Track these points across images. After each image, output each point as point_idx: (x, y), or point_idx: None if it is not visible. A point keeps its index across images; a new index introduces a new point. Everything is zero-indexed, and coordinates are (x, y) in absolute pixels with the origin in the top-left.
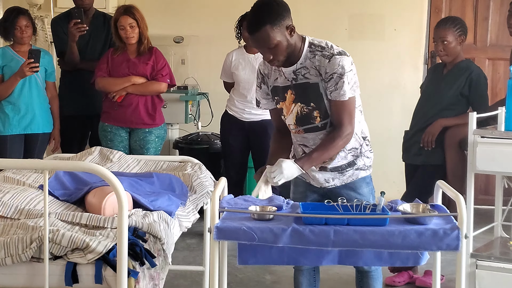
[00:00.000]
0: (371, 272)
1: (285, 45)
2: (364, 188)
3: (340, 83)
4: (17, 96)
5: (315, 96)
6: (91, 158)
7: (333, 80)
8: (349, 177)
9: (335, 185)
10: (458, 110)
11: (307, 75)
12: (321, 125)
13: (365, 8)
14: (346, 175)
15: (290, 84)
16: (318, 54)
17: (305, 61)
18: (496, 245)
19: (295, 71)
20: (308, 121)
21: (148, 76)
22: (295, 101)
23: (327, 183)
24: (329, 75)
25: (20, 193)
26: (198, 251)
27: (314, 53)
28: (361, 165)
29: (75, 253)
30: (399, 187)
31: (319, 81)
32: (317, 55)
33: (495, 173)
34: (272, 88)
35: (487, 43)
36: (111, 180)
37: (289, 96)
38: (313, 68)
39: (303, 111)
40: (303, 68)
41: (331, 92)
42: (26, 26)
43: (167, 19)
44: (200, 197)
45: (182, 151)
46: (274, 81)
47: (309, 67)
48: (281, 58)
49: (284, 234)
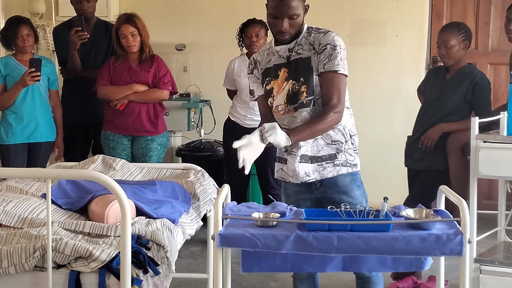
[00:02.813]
0: (372, 277)
1: (300, 21)
2: (356, 191)
3: (334, 54)
4: (20, 105)
5: (305, 70)
6: (94, 166)
7: (326, 52)
8: (329, 172)
9: (315, 179)
10: (461, 116)
11: (300, 51)
12: (306, 102)
13: (366, 14)
14: (326, 169)
15: (285, 61)
16: (314, 32)
17: (301, 39)
18: (500, 250)
19: (290, 49)
20: (296, 98)
21: (150, 84)
22: (287, 79)
23: (307, 177)
24: (322, 46)
25: (23, 202)
26: (202, 258)
27: (310, 33)
28: (342, 161)
29: (79, 262)
30: (401, 192)
31: (311, 55)
32: (313, 33)
33: (498, 177)
34: (264, 71)
35: (488, 48)
36: (114, 188)
37: (282, 74)
38: (307, 44)
39: (294, 88)
40: (298, 45)
41: (324, 64)
42: (28, 35)
43: (169, 27)
44: (203, 204)
45: (185, 159)
46: (266, 64)
47: (303, 44)
48: (293, 31)
49: (288, 240)
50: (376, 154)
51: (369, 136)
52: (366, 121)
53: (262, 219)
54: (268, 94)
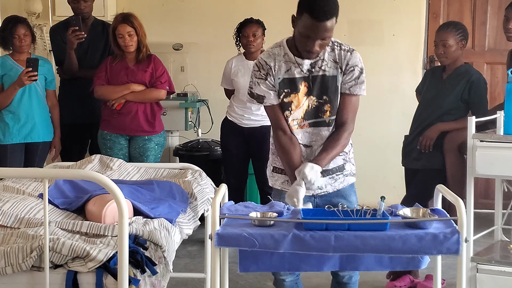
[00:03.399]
0: (350, 284)
1: (329, 41)
2: (353, 196)
3: (361, 77)
4: (17, 105)
5: (330, 89)
6: (91, 166)
7: (353, 73)
8: (340, 183)
9: (327, 191)
10: (458, 115)
11: (324, 67)
12: (328, 121)
13: (364, 14)
14: (337, 181)
15: (307, 75)
16: (337, 48)
17: (323, 54)
18: (497, 249)
19: (312, 63)
20: (316, 115)
21: (147, 84)
22: (308, 94)
23: (319, 190)
24: (350, 67)
25: (20, 202)
26: (199, 258)
27: (332, 48)
28: (349, 171)
29: (76, 262)
30: (399, 191)
31: (337, 73)
32: (336, 49)
33: (495, 177)
34: (281, 80)
35: (485, 47)
36: (111, 188)
37: (303, 88)
38: (331, 61)
39: (313, 104)
40: (320, 60)
41: (351, 86)
42: (25, 34)
43: (166, 27)
44: (201, 204)
45: (182, 158)
46: (285, 73)
47: (327, 60)
48: (322, 51)
49: (285, 240)
50: (373, 154)
51: (366, 136)
52: (363, 121)
53: (260, 218)
54: (285, 106)
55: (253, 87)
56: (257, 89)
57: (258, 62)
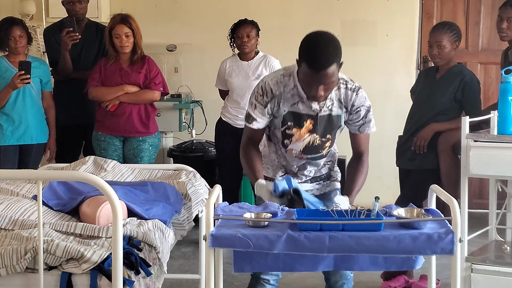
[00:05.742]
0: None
1: (336, 82)
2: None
3: (369, 116)
4: (10, 107)
5: (334, 128)
6: (85, 167)
7: (360, 113)
8: (326, 186)
9: (313, 194)
10: (451, 116)
11: (331, 107)
12: (326, 154)
13: (357, 14)
14: (323, 186)
15: (314, 114)
16: (343, 87)
17: (331, 94)
18: (491, 249)
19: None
20: (316, 151)
21: (141, 85)
22: (311, 131)
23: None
24: (356, 108)
25: (14, 203)
26: (194, 259)
27: (338, 85)
28: (335, 177)
29: (70, 263)
30: (393, 192)
31: (342, 113)
32: (342, 88)
33: (489, 176)
34: (287, 113)
35: (478, 47)
36: (105, 190)
37: (307, 124)
38: (337, 101)
39: (315, 142)
40: (329, 99)
41: (360, 127)
42: (20, 36)
43: (159, 28)
44: (195, 205)
45: (177, 159)
46: (291, 106)
47: (334, 99)
48: (328, 94)
49: (279, 240)
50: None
51: None
52: None
53: (254, 219)
54: (286, 136)
55: (249, 106)
56: (251, 110)
57: (264, 87)
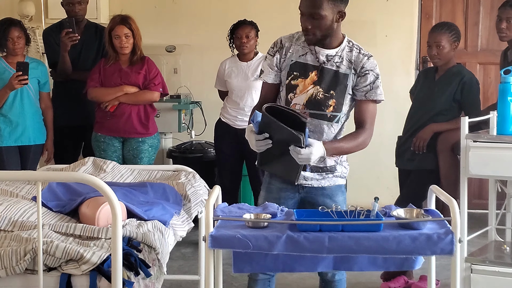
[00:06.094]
0: (335, 281)
1: (328, 24)
2: (340, 196)
3: (376, 83)
4: (8, 108)
5: (339, 86)
6: (85, 168)
7: (367, 78)
8: (327, 181)
9: (311, 185)
10: (450, 116)
11: (339, 64)
12: (330, 116)
13: (356, 14)
14: (325, 178)
15: (319, 65)
16: (356, 51)
17: (341, 51)
18: (491, 249)
19: (329, 55)
20: (319, 107)
21: (141, 86)
22: (315, 83)
23: (305, 181)
24: (365, 71)
25: (13, 205)
26: (193, 260)
27: (351, 48)
28: (340, 173)
29: (69, 264)
30: (392, 192)
31: (350, 73)
32: (355, 51)
33: (488, 177)
34: (294, 63)
35: (478, 48)
36: (104, 190)
37: (312, 75)
38: (347, 61)
39: (318, 96)
40: (338, 56)
41: (366, 92)
42: (18, 37)
43: (159, 29)
44: (194, 206)
45: (176, 160)
46: (299, 57)
47: (344, 58)
48: (318, 33)
49: (279, 241)
50: (366, 155)
51: None
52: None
53: (253, 220)
54: (291, 88)
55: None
56: (264, 62)
57: (277, 40)
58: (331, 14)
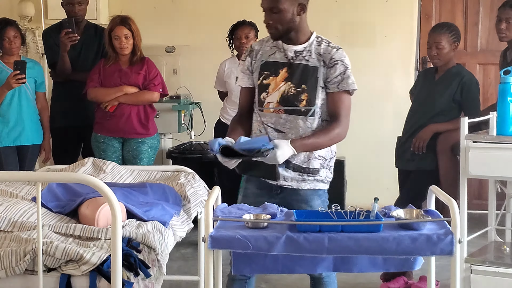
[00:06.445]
0: (324, 278)
1: (289, 17)
2: (316, 201)
3: (347, 73)
4: (6, 108)
5: (310, 79)
6: (84, 169)
7: (337, 69)
8: (307, 184)
9: (291, 186)
10: (450, 116)
11: (308, 58)
12: (304, 110)
13: (356, 15)
14: (305, 181)
15: (287, 62)
16: (325, 44)
17: (310, 46)
18: (490, 250)
19: (297, 51)
20: (293, 103)
21: (140, 86)
22: (286, 80)
23: (285, 181)
24: (334, 61)
25: (13, 205)
26: (193, 260)
27: (320, 42)
28: (322, 177)
29: (69, 265)
30: (392, 193)
31: (319, 65)
32: (323, 44)
33: (488, 177)
34: (264, 63)
35: (477, 48)
36: (104, 191)
37: (283, 73)
38: (316, 54)
39: (290, 91)
40: (306, 50)
41: (338, 84)
42: (14, 36)
43: (158, 29)
44: (194, 206)
45: (176, 161)
46: (268, 56)
47: (313, 52)
48: (279, 27)
49: (279, 242)
50: (366, 155)
51: (359, 137)
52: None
53: (253, 220)
54: (263, 88)
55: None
56: (238, 68)
57: (250, 46)
58: (291, 6)
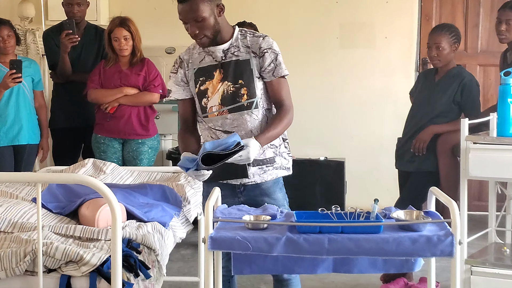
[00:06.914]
0: (290, 280)
1: (212, 22)
2: (278, 193)
3: (278, 59)
4: (4, 107)
5: (244, 72)
6: (84, 170)
7: (268, 57)
8: (269, 175)
9: (255, 181)
10: (450, 118)
11: (237, 53)
12: (247, 104)
13: (355, 16)
14: (266, 172)
15: (218, 63)
16: (250, 35)
17: (235, 41)
18: (491, 251)
19: (224, 50)
20: (234, 100)
21: (140, 87)
22: (222, 80)
23: (248, 180)
24: (263, 50)
25: (13, 206)
26: (193, 261)
27: (245, 35)
28: (280, 164)
29: (69, 266)
30: (392, 194)
31: (250, 57)
32: (248, 36)
33: (488, 179)
34: (196, 71)
35: (477, 49)
36: (104, 192)
37: (217, 74)
38: (244, 47)
39: (229, 90)
40: (233, 47)
41: (273, 72)
42: (8, 35)
43: (158, 30)
44: (194, 207)
45: (176, 162)
46: (199, 63)
47: (240, 46)
48: (208, 34)
49: (279, 243)
50: (366, 156)
51: (359, 138)
52: (356, 123)
53: (253, 221)
54: (202, 94)
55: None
56: (168, 83)
57: (176, 58)
58: (211, 11)
